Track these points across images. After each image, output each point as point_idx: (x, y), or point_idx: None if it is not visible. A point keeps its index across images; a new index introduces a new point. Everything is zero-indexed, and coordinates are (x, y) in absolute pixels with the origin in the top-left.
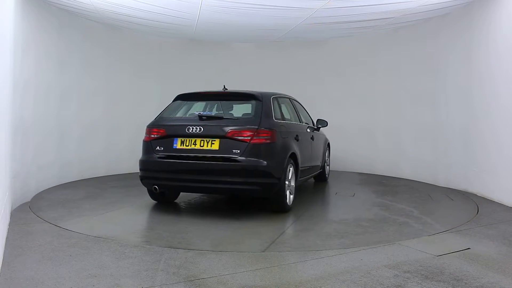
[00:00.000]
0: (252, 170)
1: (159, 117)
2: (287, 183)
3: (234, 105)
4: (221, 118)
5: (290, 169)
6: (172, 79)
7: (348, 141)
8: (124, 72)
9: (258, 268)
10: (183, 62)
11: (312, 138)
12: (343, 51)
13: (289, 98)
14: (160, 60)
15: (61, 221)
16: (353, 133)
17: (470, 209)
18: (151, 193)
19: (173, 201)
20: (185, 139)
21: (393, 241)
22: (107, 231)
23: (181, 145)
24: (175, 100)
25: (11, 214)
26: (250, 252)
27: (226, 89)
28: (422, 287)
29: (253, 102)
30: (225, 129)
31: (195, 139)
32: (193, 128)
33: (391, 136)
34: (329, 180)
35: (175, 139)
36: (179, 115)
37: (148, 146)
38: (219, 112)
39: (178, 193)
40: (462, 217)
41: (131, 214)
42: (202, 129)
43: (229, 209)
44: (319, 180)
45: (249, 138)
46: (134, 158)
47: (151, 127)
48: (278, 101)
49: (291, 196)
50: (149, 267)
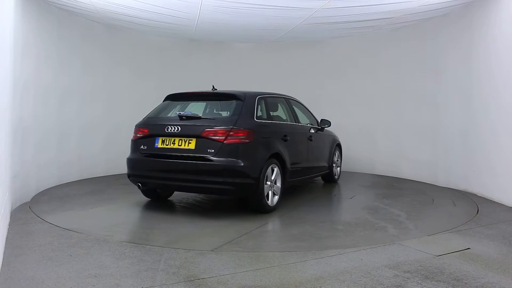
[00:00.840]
0: (225, 170)
1: (147, 116)
2: (269, 183)
3: (219, 105)
4: (198, 118)
5: (275, 170)
6: (172, 79)
7: (348, 141)
8: (124, 72)
9: (258, 268)
10: (183, 62)
11: (311, 138)
12: (343, 51)
13: (285, 98)
14: (160, 60)
15: (61, 221)
16: (353, 133)
17: (470, 209)
18: (143, 191)
19: (166, 199)
20: (165, 138)
21: (393, 241)
22: (82, 224)
23: (161, 144)
24: (165, 100)
25: (11, 214)
26: (199, 250)
27: (216, 89)
28: (422, 287)
29: (234, 102)
30: (200, 129)
31: (174, 138)
32: (171, 128)
33: (391, 136)
34: (339, 181)
35: (156, 138)
36: (164, 115)
37: (134, 145)
38: (197, 112)
39: (172, 191)
40: (458, 220)
41: (116, 210)
42: (180, 129)
43: (214, 208)
44: (328, 181)
45: (223, 138)
46: None
47: (137, 127)
48: (266, 101)
49: (276, 197)
50: (149, 267)
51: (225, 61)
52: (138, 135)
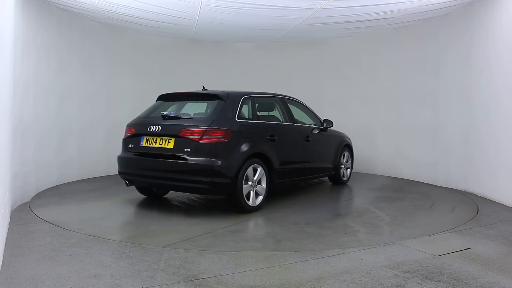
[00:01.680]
0: (199, 169)
1: (138, 116)
2: (250, 183)
3: (203, 105)
4: (179, 118)
5: (258, 170)
6: (172, 79)
7: None
8: (124, 71)
9: (258, 268)
10: (183, 62)
11: (308, 139)
12: (343, 51)
13: (280, 98)
14: (160, 60)
15: (61, 221)
16: (353, 133)
17: (470, 209)
18: (138, 189)
19: (162, 196)
20: (149, 137)
21: (392, 241)
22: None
23: (146, 143)
24: (157, 100)
25: (11, 214)
26: (153, 246)
27: (206, 89)
28: (422, 287)
29: (216, 102)
30: (178, 129)
31: (156, 137)
32: (153, 128)
33: (391, 136)
34: (348, 183)
35: (142, 137)
36: (154, 115)
37: (124, 144)
38: (185, 112)
39: (167, 189)
40: (458, 220)
41: (109, 208)
42: (161, 128)
43: (203, 206)
44: (337, 183)
45: (198, 137)
46: None
47: (127, 126)
48: (254, 100)
49: (259, 197)
50: (149, 267)
51: (225, 61)
52: (128, 134)
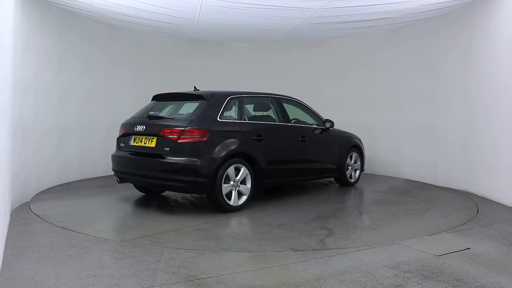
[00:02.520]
0: (177, 167)
1: (132, 116)
2: (231, 183)
3: (190, 105)
4: (161, 118)
5: (241, 170)
6: (172, 79)
7: None
8: (124, 71)
9: (258, 268)
10: (183, 62)
11: (304, 139)
12: (343, 51)
13: (274, 98)
14: (159, 60)
15: (61, 220)
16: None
17: (470, 209)
18: (136, 186)
19: (160, 194)
20: (136, 136)
21: (392, 241)
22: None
23: (133, 142)
24: (152, 100)
25: (11, 214)
26: (113, 240)
27: (198, 89)
28: (422, 287)
29: (199, 102)
30: (159, 128)
31: (142, 137)
32: (139, 127)
33: (391, 136)
34: (358, 184)
35: (130, 136)
36: (143, 114)
37: (117, 143)
38: (166, 112)
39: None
40: (458, 220)
41: (105, 205)
42: (145, 128)
43: (190, 204)
44: (344, 184)
45: (176, 136)
46: None
47: (121, 126)
48: (241, 100)
49: (243, 197)
50: (149, 267)
51: (225, 61)
52: (120, 133)
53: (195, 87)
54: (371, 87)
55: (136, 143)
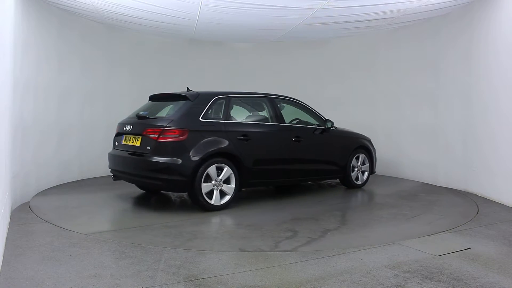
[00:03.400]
0: (156, 166)
1: (128, 116)
2: (213, 182)
3: (177, 105)
4: (147, 118)
5: (224, 169)
6: (171, 79)
7: None
8: (124, 71)
9: (258, 268)
10: (183, 62)
11: (298, 139)
12: (343, 51)
13: (268, 98)
14: (159, 60)
15: (61, 220)
16: None
17: (470, 209)
18: (137, 185)
19: (159, 191)
20: (126, 136)
21: (393, 241)
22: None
23: (124, 141)
24: (149, 100)
25: (11, 214)
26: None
27: (190, 90)
28: (422, 287)
29: (183, 102)
30: (143, 128)
31: (130, 136)
32: (128, 127)
33: (391, 136)
34: (366, 186)
35: (122, 136)
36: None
37: (113, 141)
38: (156, 112)
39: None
40: (458, 220)
41: (103, 203)
42: (132, 128)
43: (181, 202)
44: (351, 186)
45: (156, 136)
46: None
47: (117, 125)
48: (229, 101)
49: (226, 197)
50: (149, 267)
51: (225, 61)
52: (116, 132)
53: (187, 87)
54: (371, 87)
55: (126, 142)
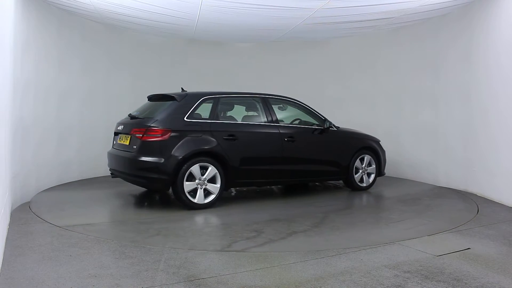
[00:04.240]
0: (140, 164)
1: (126, 116)
2: (196, 181)
3: (163, 105)
4: (136, 118)
5: (209, 168)
6: (171, 79)
7: None
8: (124, 72)
9: (258, 268)
10: (183, 62)
11: (291, 139)
12: (343, 51)
13: (261, 98)
14: (159, 60)
15: (61, 220)
16: None
17: (470, 209)
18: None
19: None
20: (120, 135)
21: (393, 241)
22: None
23: (119, 140)
24: (147, 100)
25: (11, 214)
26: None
27: (185, 91)
28: (422, 287)
29: (170, 103)
30: (131, 128)
31: (122, 135)
32: (120, 126)
33: (391, 136)
34: (372, 189)
35: (118, 135)
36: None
37: (112, 140)
38: (147, 112)
39: None
40: (458, 220)
41: (101, 203)
42: (123, 127)
43: (175, 201)
44: (354, 189)
45: (141, 135)
46: None
47: (116, 125)
48: (218, 101)
49: (211, 196)
50: (149, 267)
51: (225, 61)
52: (114, 132)
53: (182, 88)
54: (371, 87)
55: (120, 141)
